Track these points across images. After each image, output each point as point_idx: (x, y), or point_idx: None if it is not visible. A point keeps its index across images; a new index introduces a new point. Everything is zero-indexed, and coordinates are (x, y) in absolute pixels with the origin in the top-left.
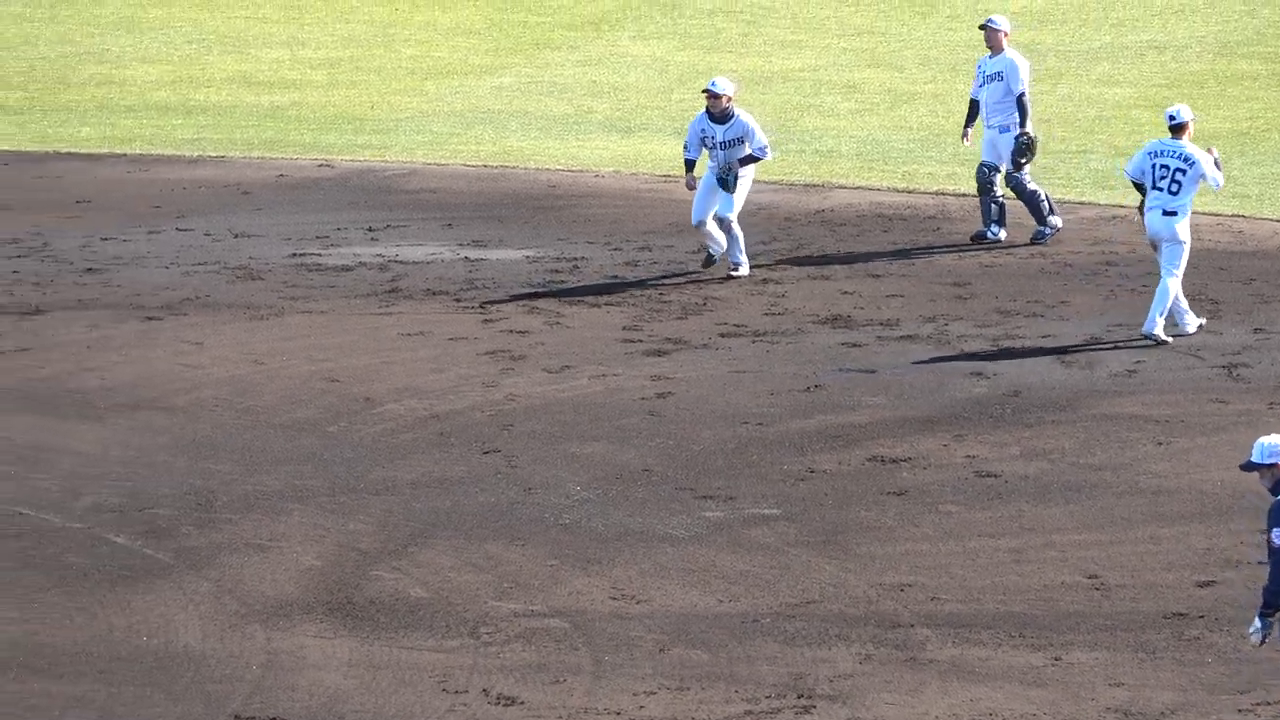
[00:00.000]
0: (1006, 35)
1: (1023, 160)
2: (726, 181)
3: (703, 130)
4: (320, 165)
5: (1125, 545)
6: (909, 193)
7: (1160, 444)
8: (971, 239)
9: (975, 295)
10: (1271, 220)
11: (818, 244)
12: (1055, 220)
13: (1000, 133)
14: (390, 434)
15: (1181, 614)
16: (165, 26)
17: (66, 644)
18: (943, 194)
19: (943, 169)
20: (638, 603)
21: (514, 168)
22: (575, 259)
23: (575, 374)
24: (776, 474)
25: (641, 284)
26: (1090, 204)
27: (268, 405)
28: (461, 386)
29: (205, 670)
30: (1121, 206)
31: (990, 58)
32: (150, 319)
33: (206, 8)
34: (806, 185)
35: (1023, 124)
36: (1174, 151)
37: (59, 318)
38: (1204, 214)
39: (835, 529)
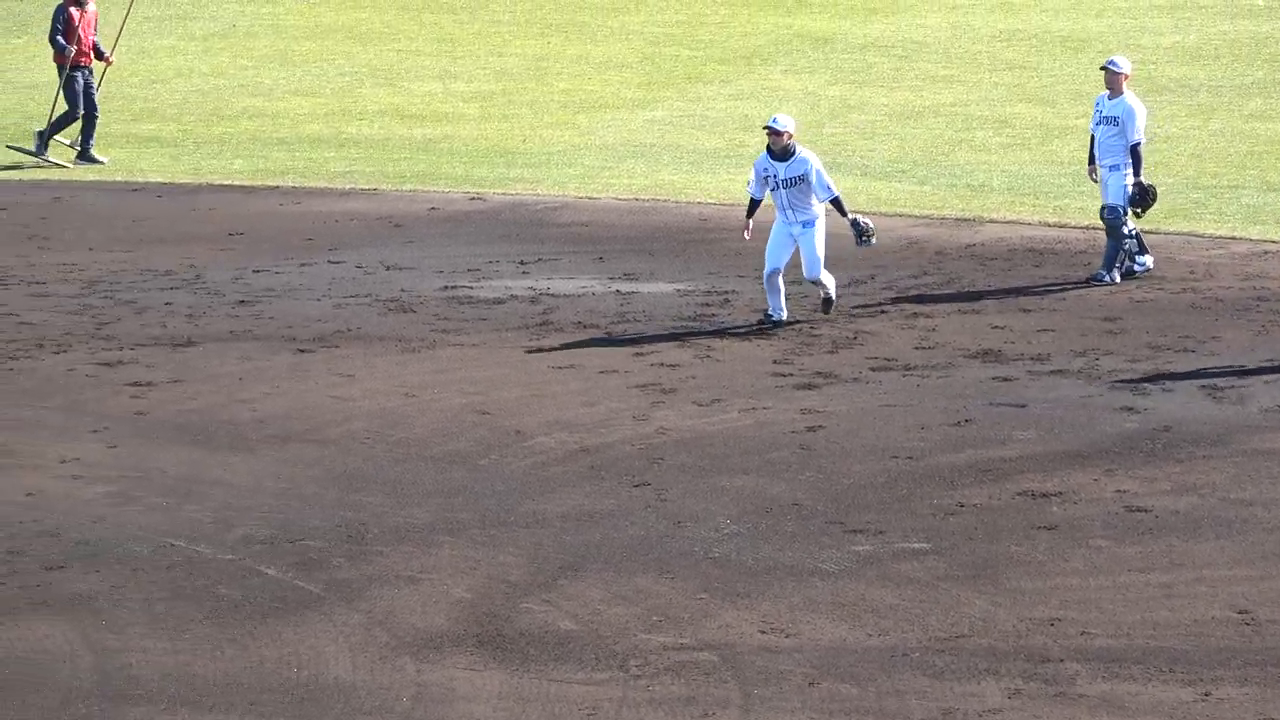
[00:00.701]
0: (1127, 78)
1: (1139, 210)
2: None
3: (765, 169)
4: (472, 198)
5: (1276, 580)
6: (1060, 227)
7: None
8: (1122, 277)
9: (1126, 330)
10: None
11: (968, 278)
12: (1115, 276)
13: (1109, 171)
14: (541, 467)
15: None
16: (318, 60)
17: (217, 675)
18: (1094, 229)
19: (1094, 204)
20: (787, 636)
21: (666, 201)
22: (726, 292)
23: (725, 407)
24: (926, 508)
25: (793, 317)
26: (1242, 239)
27: (419, 438)
28: (612, 420)
29: (355, 702)
30: (1274, 241)
31: (1109, 98)
32: (302, 351)
33: (359, 41)
34: (957, 219)
35: (1136, 173)
36: None
37: (211, 350)
38: None
39: (985, 563)
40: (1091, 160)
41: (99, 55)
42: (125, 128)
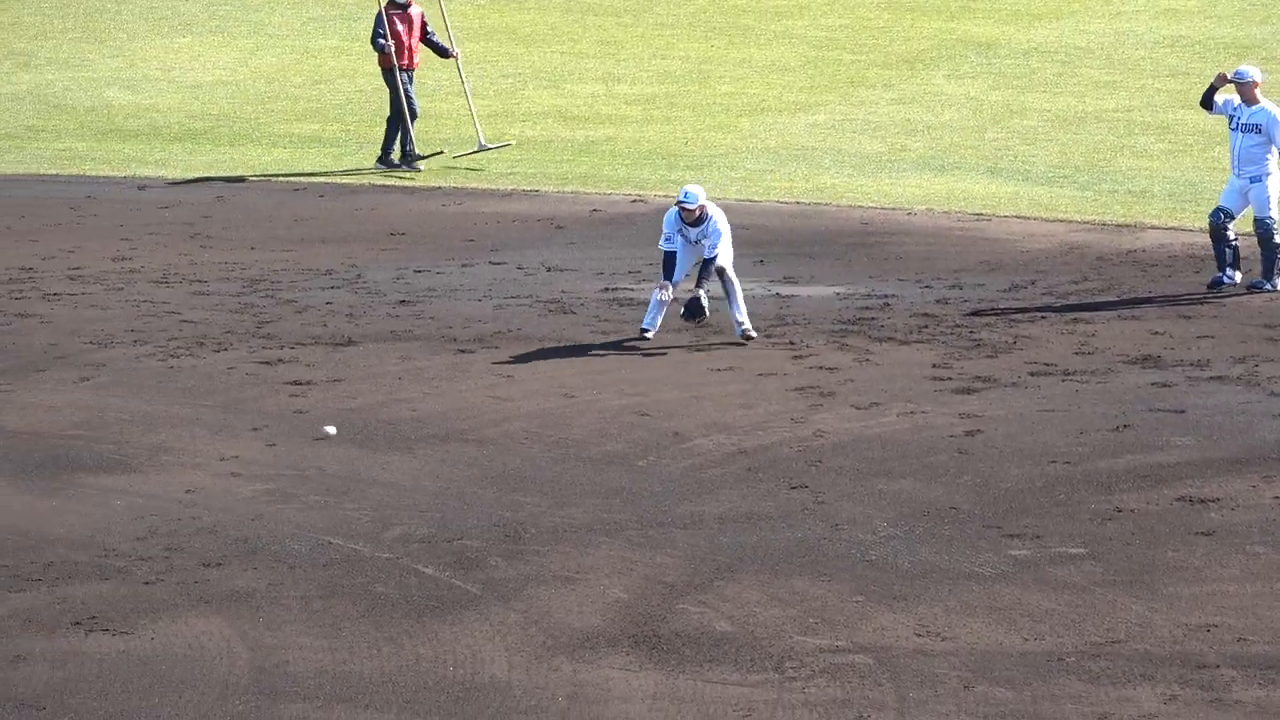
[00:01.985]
0: (1258, 85)
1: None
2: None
3: (679, 229)
4: (634, 200)
5: None
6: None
7: None
8: (1208, 287)
9: None
10: None
11: (1129, 284)
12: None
13: (1251, 182)
14: (698, 469)
15: None
16: (483, 61)
17: (373, 673)
18: (1250, 235)
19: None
20: (942, 640)
21: (827, 205)
22: (886, 296)
23: (884, 411)
24: (1084, 513)
25: (952, 321)
26: None
27: (577, 438)
28: (770, 422)
29: (511, 701)
30: None
31: (1246, 106)
32: (462, 351)
33: (524, 43)
34: (1119, 225)
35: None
36: None
37: (371, 349)
38: None
39: (1142, 568)
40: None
41: (443, 53)
42: (288, 127)
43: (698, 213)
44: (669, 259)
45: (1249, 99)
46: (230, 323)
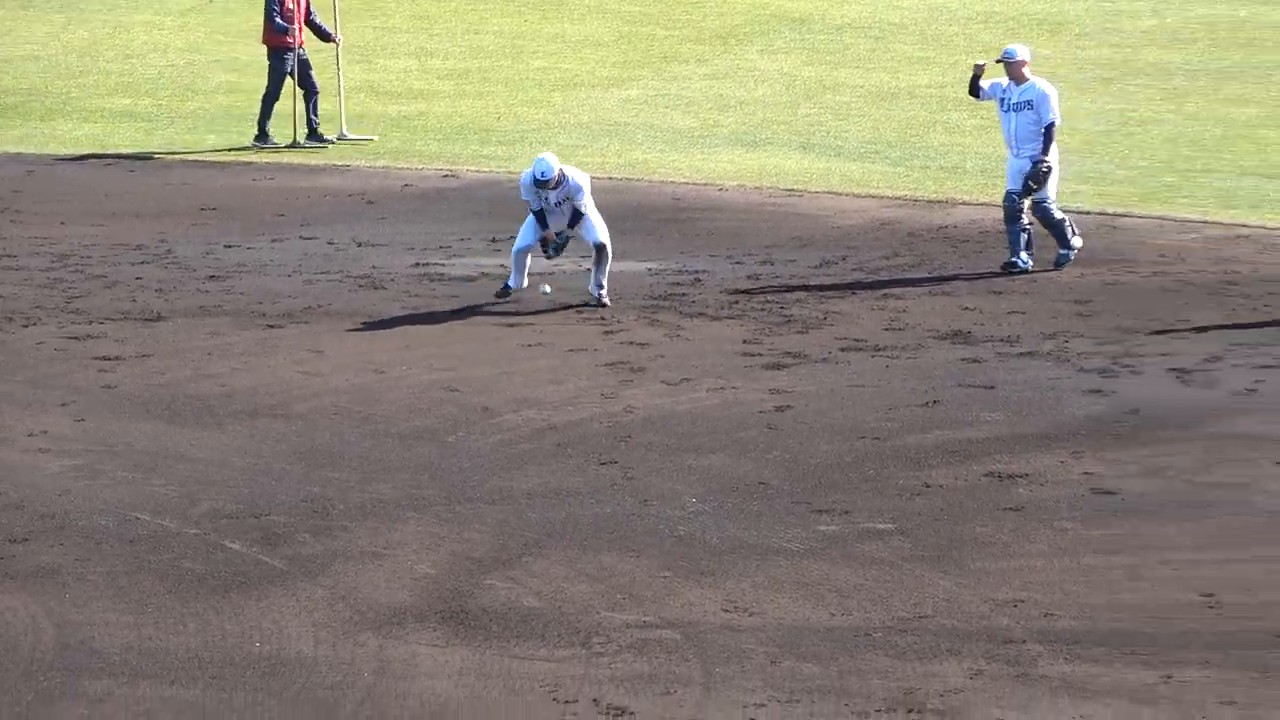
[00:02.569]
0: (1027, 64)
1: (1034, 186)
2: (559, 245)
3: (539, 195)
4: (445, 175)
5: (1241, 564)
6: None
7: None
8: (1002, 268)
9: (1096, 313)
10: None
11: (940, 259)
12: (1076, 241)
13: (1030, 162)
14: (507, 444)
15: None
16: None
17: (179, 649)
18: (1065, 211)
19: (1065, 186)
20: (750, 615)
21: (639, 180)
22: (697, 272)
23: (694, 386)
24: (892, 488)
25: (763, 297)
26: (1215, 223)
27: (386, 414)
28: (580, 398)
29: (317, 677)
30: (1246, 225)
31: (1016, 85)
32: (272, 327)
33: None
34: (930, 201)
35: (1045, 151)
36: None
37: (181, 324)
38: None
39: (950, 544)
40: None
41: (326, 37)
42: (99, 102)
43: (556, 180)
44: (539, 215)
45: (1018, 78)
46: (39, 297)
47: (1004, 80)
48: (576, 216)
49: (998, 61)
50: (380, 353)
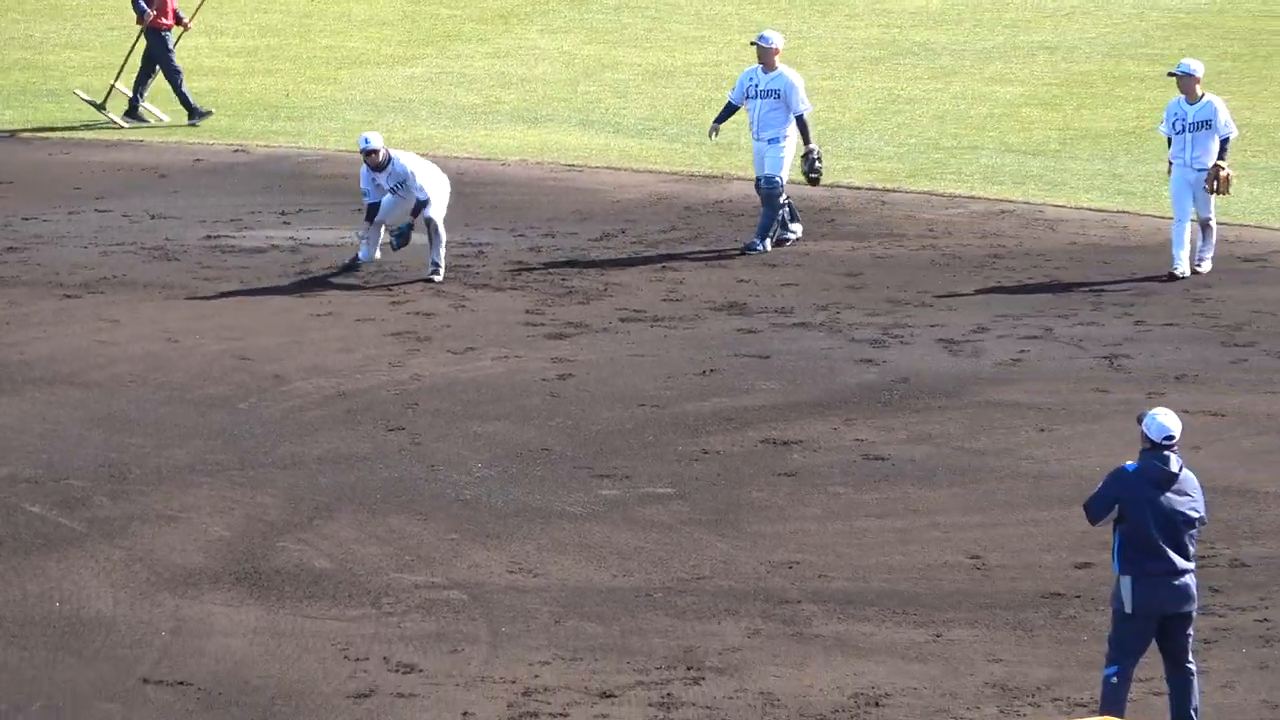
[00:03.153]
0: (778, 53)
1: (815, 176)
2: (404, 237)
3: (372, 179)
4: (235, 150)
5: (1006, 527)
6: (804, 185)
7: (1042, 430)
8: (773, 245)
9: (867, 285)
10: (1154, 217)
11: (715, 233)
12: (797, 228)
13: (769, 144)
14: (298, 411)
15: (1059, 594)
16: (89, 14)
17: None
18: (837, 186)
19: (838, 162)
20: (534, 576)
21: (423, 155)
22: (481, 244)
23: (479, 355)
24: (671, 454)
25: (545, 269)
26: (979, 198)
27: (181, 381)
28: (368, 366)
29: (116, 635)
30: (1010, 201)
31: (764, 72)
32: (68, 297)
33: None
34: (706, 176)
35: (808, 140)
36: None
37: None
38: (1090, 209)
39: (727, 508)
40: (720, 121)
41: (178, 20)
42: None
43: (381, 156)
44: (371, 208)
45: (768, 64)
46: None
47: (759, 67)
48: (419, 206)
49: (752, 44)
50: (174, 322)
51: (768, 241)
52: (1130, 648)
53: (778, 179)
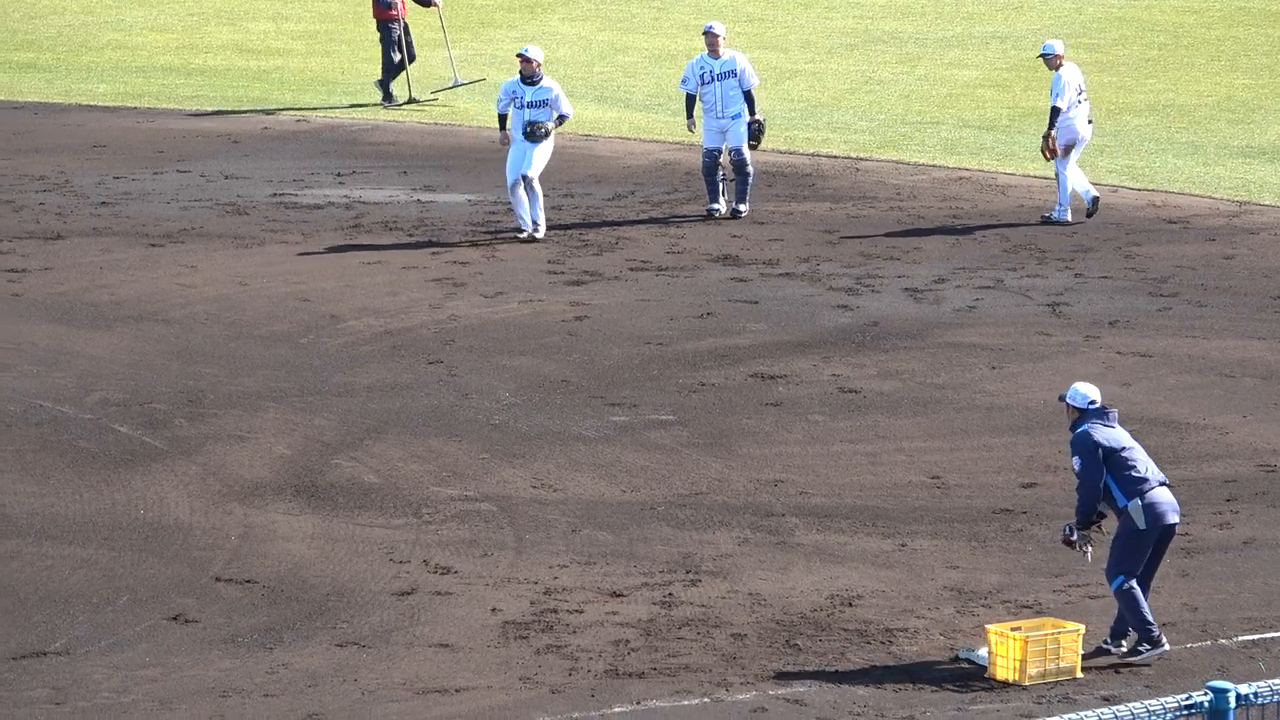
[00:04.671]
0: (724, 39)
1: (756, 143)
2: (535, 134)
3: (514, 91)
4: (298, 120)
5: (963, 452)
6: (789, 154)
7: (994, 368)
8: (707, 213)
9: (843, 241)
10: (1092, 184)
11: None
12: (744, 208)
13: (733, 119)
14: (351, 346)
15: (1008, 510)
16: (171, 1)
17: (76, 515)
18: (817, 155)
19: (818, 135)
20: (554, 491)
21: (461, 126)
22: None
23: (507, 299)
24: (673, 386)
25: (564, 225)
26: (941, 166)
27: (249, 320)
28: (411, 308)
29: (192, 539)
30: (967, 169)
31: (716, 59)
32: (153, 246)
33: None
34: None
35: (753, 112)
36: None
37: (77, 243)
38: (1035, 177)
39: (721, 433)
40: (691, 114)
41: (426, 3)
42: (7, 55)
43: (535, 67)
44: (501, 118)
45: (715, 50)
46: None
47: (707, 54)
48: (562, 118)
49: (704, 34)
50: (244, 268)
51: (749, 204)
52: (1139, 559)
53: (743, 150)
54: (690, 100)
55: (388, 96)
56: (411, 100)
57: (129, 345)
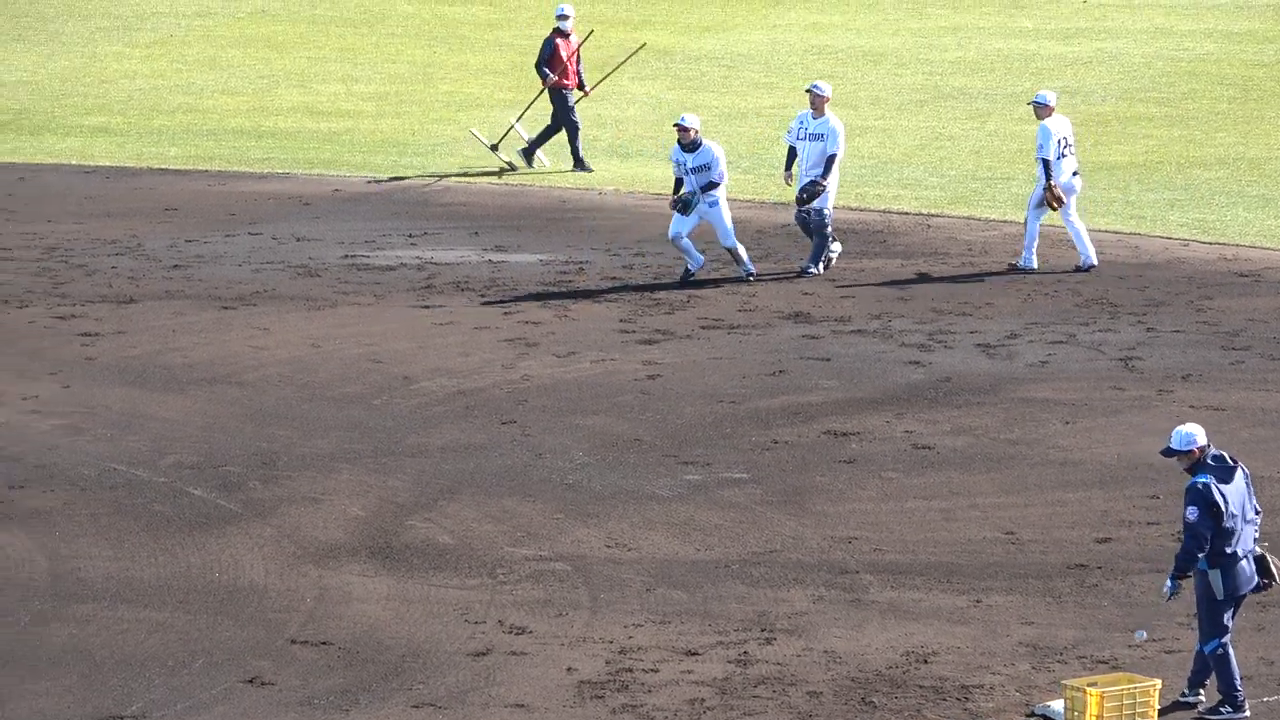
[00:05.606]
0: (828, 100)
1: (806, 198)
2: (689, 204)
3: (678, 159)
4: (369, 181)
5: (1036, 507)
6: (860, 210)
7: (1067, 423)
8: (824, 268)
9: (914, 297)
10: (1162, 238)
11: (783, 253)
12: (837, 246)
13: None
14: (424, 407)
15: (1083, 565)
16: (241, 65)
17: (152, 578)
18: (888, 212)
19: (889, 191)
20: (628, 550)
21: (531, 186)
22: (581, 262)
23: (579, 359)
24: (746, 444)
25: (636, 284)
26: (1012, 222)
27: (322, 381)
28: (484, 368)
29: (267, 601)
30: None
31: (813, 118)
32: (225, 308)
33: (276, 49)
34: (775, 203)
35: (824, 176)
36: None
37: (149, 306)
38: (1106, 231)
39: (794, 491)
40: (789, 167)
41: (580, 85)
42: (79, 119)
43: (692, 135)
44: (678, 182)
45: (819, 110)
46: (30, 284)
47: (809, 111)
48: (711, 185)
49: (807, 91)
50: (316, 330)
51: (820, 265)
52: (1224, 621)
53: (825, 211)
54: (792, 153)
55: (579, 163)
56: (580, 167)
57: (202, 408)
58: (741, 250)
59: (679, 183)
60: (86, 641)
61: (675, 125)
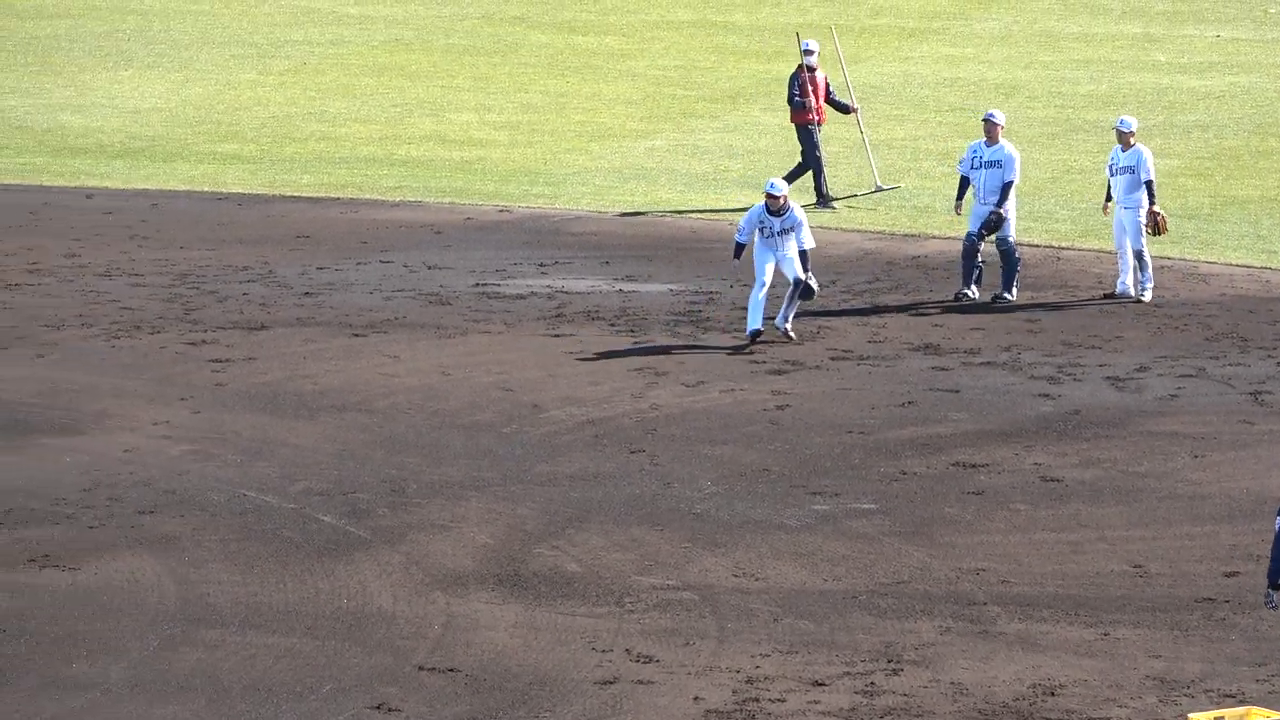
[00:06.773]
0: (1002, 128)
1: (986, 232)
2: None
3: (760, 220)
4: (500, 211)
5: (1165, 540)
6: (989, 244)
7: (1196, 457)
8: (955, 298)
9: (1044, 329)
10: None
11: (914, 284)
12: (975, 290)
13: (990, 210)
14: (553, 435)
15: (1211, 599)
16: (374, 93)
17: (280, 604)
18: (1019, 244)
19: (1020, 224)
20: (756, 580)
21: (662, 216)
22: (711, 292)
23: (709, 388)
24: (875, 475)
25: (766, 315)
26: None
27: (452, 409)
28: (614, 397)
29: (395, 628)
30: (1169, 257)
31: (988, 145)
32: (356, 335)
33: (409, 77)
34: (905, 235)
35: (1000, 205)
36: None
37: (280, 333)
38: (1237, 265)
39: (923, 522)
40: (960, 197)
41: (844, 109)
42: (212, 147)
43: (782, 201)
44: (738, 247)
45: (993, 137)
46: (162, 310)
47: (983, 140)
48: (804, 255)
49: (983, 120)
50: (447, 358)
51: (1014, 289)
52: None
53: (1010, 239)
54: (964, 183)
55: (823, 199)
56: (824, 203)
57: (332, 435)
58: (799, 299)
59: (740, 248)
60: (215, 666)
61: (766, 192)
